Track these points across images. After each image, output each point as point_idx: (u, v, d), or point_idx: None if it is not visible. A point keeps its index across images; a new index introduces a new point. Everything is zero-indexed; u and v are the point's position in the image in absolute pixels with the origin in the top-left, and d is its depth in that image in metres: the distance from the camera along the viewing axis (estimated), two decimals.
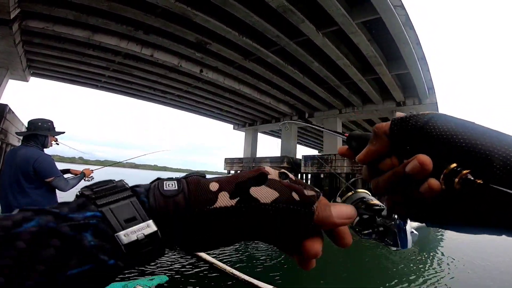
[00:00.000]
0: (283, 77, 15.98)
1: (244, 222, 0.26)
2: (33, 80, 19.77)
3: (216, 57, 14.24)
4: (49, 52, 14.12)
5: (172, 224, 0.25)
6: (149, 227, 0.24)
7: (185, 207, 0.25)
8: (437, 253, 6.06)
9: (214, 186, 0.27)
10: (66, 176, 2.49)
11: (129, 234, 0.24)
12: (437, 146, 0.25)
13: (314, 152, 39.22)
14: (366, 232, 0.36)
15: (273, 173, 0.28)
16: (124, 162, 4.25)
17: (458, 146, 0.24)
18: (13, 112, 13.78)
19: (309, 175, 24.83)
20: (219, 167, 31.05)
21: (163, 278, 3.10)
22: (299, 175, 25.37)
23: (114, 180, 0.28)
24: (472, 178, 0.23)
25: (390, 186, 0.28)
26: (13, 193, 2.16)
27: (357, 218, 0.35)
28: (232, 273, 3.48)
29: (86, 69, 16.80)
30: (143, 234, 0.24)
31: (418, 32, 11.57)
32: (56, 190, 2.37)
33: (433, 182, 0.24)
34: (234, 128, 29.93)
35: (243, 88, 18.02)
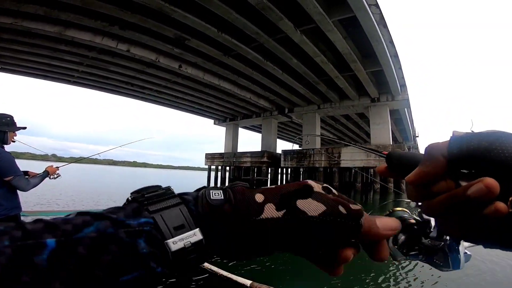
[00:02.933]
0: (263, 73, 16.14)
1: (289, 233, 0.27)
2: (4, 75, 18.71)
3: (195, 53, 14.15)
4: (19, 47, 13.48)
5: (217, 232, 0.26)
6: (195, 235, 0.25)
7: (232, 216, 0.26)
8: None
9: (259, 197, 0.28)
10: (32, 177, 2.39)
11: (177, 242, 0.24)
12: (505, 168, 0.23)
13: (295, 146, 39.93)
14: (413, 253, 0.37)
15: (316, 187, 0.29)
16: (93, 157, 3.93)
17: None
18: None
19: (289, 170, 25.36)
20: (201, 163, 30.89)
21: None
22: (279, 169, 25.90)
23: (161, 186, 0.29)
24: None
25: (446, 209, 0.26)
26: None
27: (403, 238, 0.36)
28: (210, 269, 3.42)
29: (58, 64, 16.15)
30: (190, 242, 0.25)
31: (392, 31, 12.10)
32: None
33: (501, 205, 0.23)
34: (214, 123, 29.85)
35: (223, 84, 18.02)
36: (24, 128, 2.38)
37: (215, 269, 3.35)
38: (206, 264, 3.47)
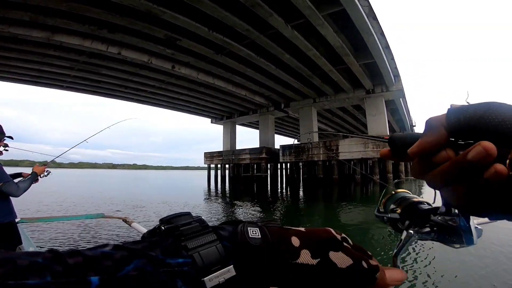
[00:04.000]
0: (256, 70, 16.08)
1: (319, 280, 0.28)
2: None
3: (187, 52, 14.06)
4: (7, 54, 13.38)
5: (251, 270, 0.27)
6: (229, 272, 0.26)
7: (267, 256, 0.27)
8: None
9: (295, 241, 0.30)
10: (17, 180, 2.36)
11: (213, 279, 0.25)
12: (499, 133, 0.24)
13: (293, 141, 39.96)
14: (425, 231, 0.38)
15: (338, 236, 0.32)
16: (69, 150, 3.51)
17: None
18: None
19: (288, 164, 25.40)
20: (201, 162, 30.90)
21: None
22: (278, 164, 25.94)
23: (190, 213, 0.30)
24: None
25: (449, 178, 0.26)
26: None
27: (407, 222, 0.39)
28: None
29: (49, 70, 16.05)
30: (224, 278, 0.26)
31: (382, 22, 12.06)
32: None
33: (500, 167, 0.23)
34: (212, 122, 29.80)
35: (217, 82, 17.96)
36: (10, 137, 2.33)
37: None
38: None
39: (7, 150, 2.35)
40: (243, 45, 13.08)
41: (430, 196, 0.40)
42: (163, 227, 0.28)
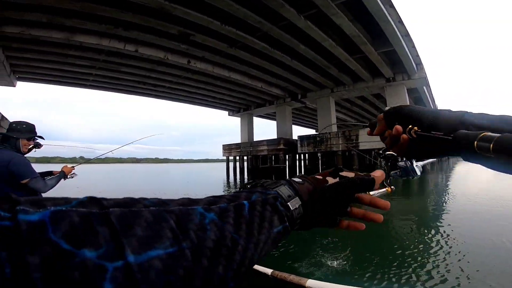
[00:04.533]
0: (272, 62, 15.90)
1: (343, 191, 0.42)
2: (28, 84, 19.72)
3: (201, 47, 14.13)
4: (30, 55, 14.05)
5: (308, 198, 0.40)
6: (298, 200, 0.38)
7: (312, 188, 0.41)
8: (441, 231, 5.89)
9: (320, 176, 0.46)
10: (48, 178, 2.41)
11: (293, 203, 0.37)
12: (404, 119, 0.49)
13: (311, 131, 39.44)
14: (394, 172, 0.72)
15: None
16: (112, 155, 4.02)
17: (413, 117, 0.48)
18: (6, 119, 13.88)
19: (306, 155, 25.16)
20: (220, 155, 31.37)
21: None
22: (296, 155, 25.76)
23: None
24: (418, 130, 0.46)
25: (392, 143, 0.52)
26: None
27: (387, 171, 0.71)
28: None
29: (71, 69, 16.70)
30: (296, 204, 0.38)
31: (401, 9, 11.44)
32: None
33: (404, 136, 0.48)
34: (229, 115, 29.97)
35: (233, 75, 17.96)
36: (41, 137, 2.42)
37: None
38: None
39: (39, 147, 2.44)
40: (256, 37, 12.94)
41: None
42: (248, 186, 0.41)
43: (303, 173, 26.24)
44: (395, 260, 4.28)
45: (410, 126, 0.47)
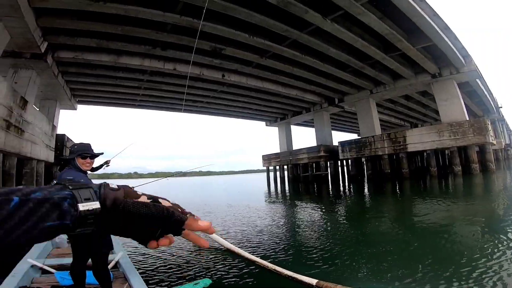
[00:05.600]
0: (304, 68, 15.77)
1: (152, 214, 0.43)
2: (88, 107, 22.16)
3: (233, 60, 14.59)
4: (86, 79, 15.79)
5: (110, 207, 0.41)
6: (96, 204, 0.40)
7: (122, 197, 0.42)
8: None
9: (139, 192, 0.46)
10: None
11: (85, 205, 0.39)
12: None
13: (353, 136, 37.72)
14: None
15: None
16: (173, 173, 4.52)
17: None
18: (71, 140, 15.65)
19: (349, 161, 23.99)
20: (260, 165, 31.57)
21: (207, 282, 3.07)
22: (338, 162, 24.76)
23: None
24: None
25: None
26: None
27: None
28: (274, 269, 3.39)
29: (122, 91, 18.40)
30: (92, 207, 0.40)
31: (437, 3, 10.61)
32: None
33: None
34: (266, 125, 30.16)
35: (266, 85, 18.17)
36: (101, 153, 2.62)
37: (279, 270, 3.33)
38: (270, 265, 3.53)
39: (107, 165, 2.90)
40: (285, 45, 12.99)
41: None
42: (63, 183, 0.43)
43: (347, 180, 25.23)
44: (461, 274, 3.43)
45: None
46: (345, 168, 26.27)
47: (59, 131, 14.89)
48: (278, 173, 29.48)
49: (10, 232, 0.33)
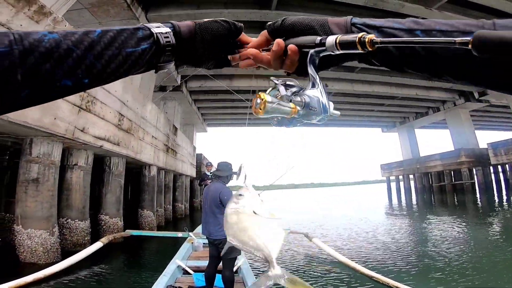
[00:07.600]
0: None
1: (222, 26, 0.48)
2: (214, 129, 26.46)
3: (334, 68, 13.83)
4: (212, 104, 18.33)
5: (186, 34, 0.46)
6: (166, 29, 0.45)
7: (195, 25, 0.47)
8: None
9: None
10: None
11: (158, 29, 0.44)
12: (285, 32, 0.45)
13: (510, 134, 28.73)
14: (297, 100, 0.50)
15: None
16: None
17: (296, 30, 0.44)
18: (206, 158, 18.64)
19: (507, 166, 18.63)
20: (377, 175, 28.69)
21: None
22: (490, 168, 19.54)
23: None
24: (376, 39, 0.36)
25: (277, 60, 0.46)
26: (209, 217, 2.89)
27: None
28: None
29: (238, 112, 20.47)
30: (166, 31, 0.44)
31: None
32: None
33: (292, 45, 0.44)
34: (383, 131, 27.03)
35: (376, 89, 16.53)
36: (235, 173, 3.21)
37: (385, 280, 3.32)
38: (370, 273, 3.56)
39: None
40: None
41: None
42: None
43: (504, 190, 19.35)
44: None
45: (369, 37, 0.36)
46: (501, 175, 20.37)
47: (197, 151, 18.13)
48: (402, 183, 25.84)
49: (98, 57, 0.37)
